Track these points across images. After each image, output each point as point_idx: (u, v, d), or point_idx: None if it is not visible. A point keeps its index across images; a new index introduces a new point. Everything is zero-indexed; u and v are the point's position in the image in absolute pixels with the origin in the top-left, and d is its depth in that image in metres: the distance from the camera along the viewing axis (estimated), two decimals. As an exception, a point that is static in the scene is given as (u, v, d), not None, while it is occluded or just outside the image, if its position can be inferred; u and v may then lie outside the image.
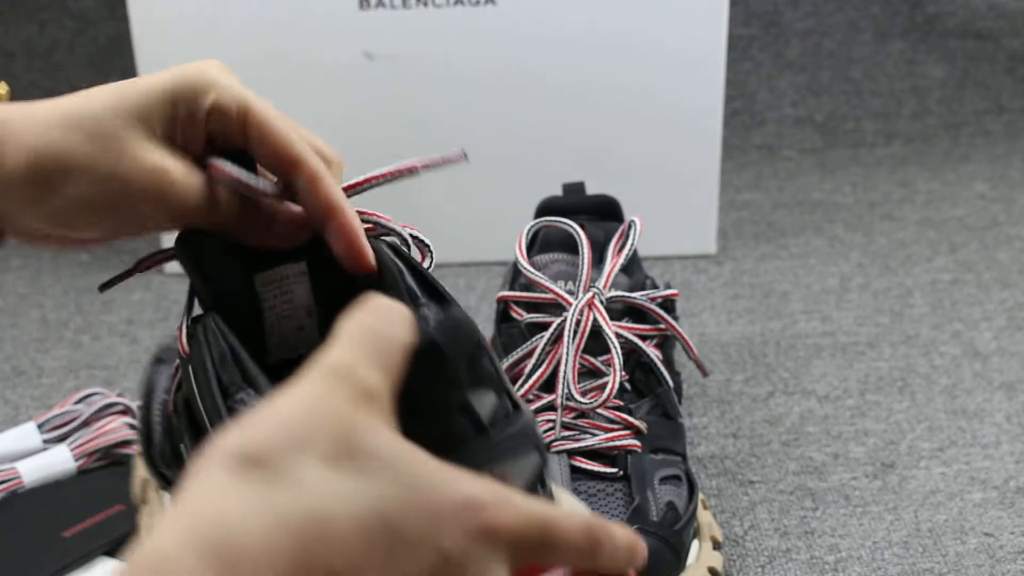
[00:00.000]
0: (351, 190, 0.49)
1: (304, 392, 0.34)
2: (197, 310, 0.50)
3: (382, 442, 0.34)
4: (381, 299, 0.37)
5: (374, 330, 0.36)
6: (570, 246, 0.71)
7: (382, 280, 0.47)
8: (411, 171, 0.50)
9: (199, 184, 0.47)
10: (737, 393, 0.84)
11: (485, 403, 0.41)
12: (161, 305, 0.97)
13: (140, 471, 0.62)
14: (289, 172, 0.47)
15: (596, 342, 0.68)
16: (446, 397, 0.39)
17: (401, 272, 0.47)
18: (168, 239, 0.57)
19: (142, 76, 0.47)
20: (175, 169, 0.46)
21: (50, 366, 0.89)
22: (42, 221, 0.46)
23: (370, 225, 0.50)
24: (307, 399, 0.34)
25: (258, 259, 0.49)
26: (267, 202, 0.48)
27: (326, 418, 0.33)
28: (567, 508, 0.46)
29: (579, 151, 0.98)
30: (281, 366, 0.50)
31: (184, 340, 0.48)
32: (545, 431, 0.67)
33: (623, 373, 0.69)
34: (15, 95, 0.48)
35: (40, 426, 0.76)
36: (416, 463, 0.34)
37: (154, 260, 0.52)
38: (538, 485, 0.44)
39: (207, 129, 0.47)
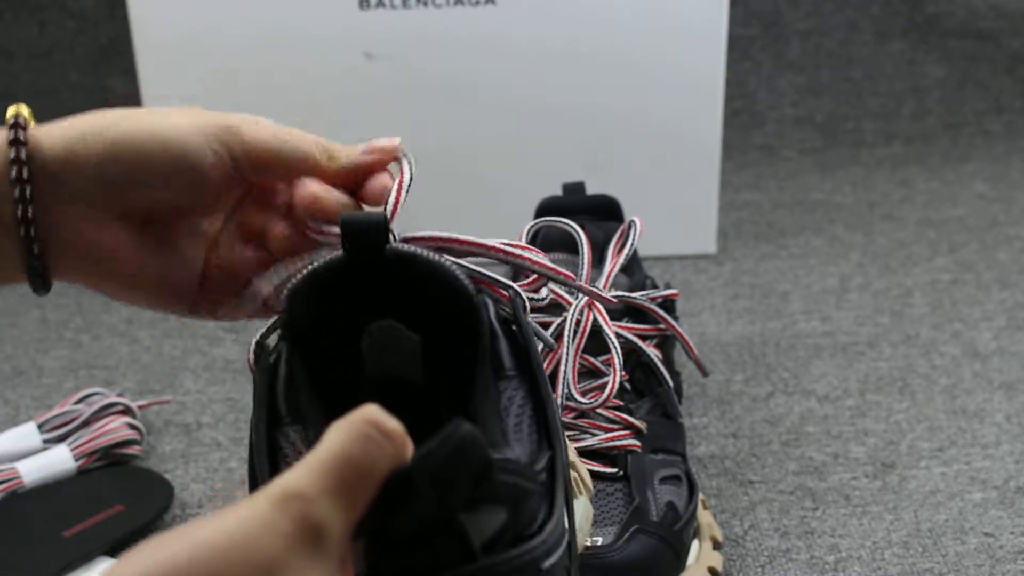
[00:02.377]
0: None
1: (241, 518, 0.32)
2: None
3: None
4: (376, 416, 0.35)
5: (350, 459, 0.34)
6: (570, 246, 0.71)
7: (475, 333, 0.45)
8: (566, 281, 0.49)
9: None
10: (737, 393, 0.84)
11: (486, 523, 0.38)
12: (161, 305, 0.97)
13: None
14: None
15: (596, 342, 0.68)
16: (427, 521, 0.36)
17: (496, 338, 0.45)
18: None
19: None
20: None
21: (50, 366, 0.89)
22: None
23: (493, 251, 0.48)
24: (240, 527, 0.32)
25: None
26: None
27: (250, 554, 0.32)
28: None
29: (579, 151, 0.98)
30: (386, 383, 0.48)
31: (252, 354, 0.47)
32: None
33: (623, 373, 0.69)
34: (15, 96, 0.48)
35: (40, 426, 0.76)
36: None
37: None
38: None
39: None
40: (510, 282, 0.48)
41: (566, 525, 0.42)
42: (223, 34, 0.94)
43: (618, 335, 0.69)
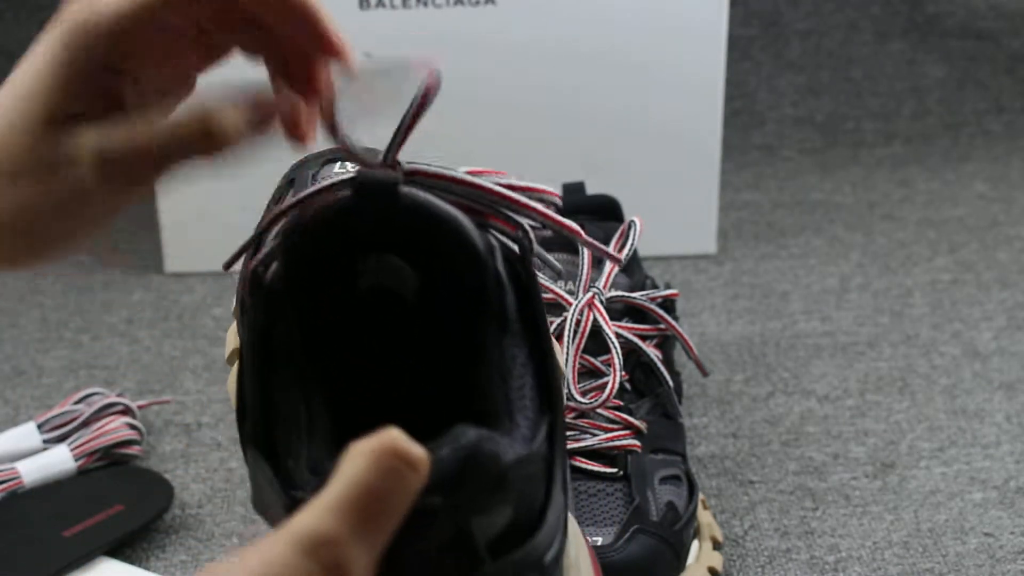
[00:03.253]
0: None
1: (266, 564, 0.31)
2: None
3: None
4: (400, 447, 0.32)
5: (376, 497, 0.32)
6: (570, 246, 0.71)
7: (480, 277, 0.42)
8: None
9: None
10: (737, 393, 0.84)
11: (494, 524, 0.37)
12: (161, 305, 0.97)
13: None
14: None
15: (596, 342, 0.68)
16: (446, 537, 0.35)
17: (502, 290, 0.42)
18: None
19: None
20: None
21: (50, 366, 0.89)
22: None
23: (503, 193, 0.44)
24: (263, 572, 0.31)
25: None
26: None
27: None
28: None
29: (579, 151, 0.98)
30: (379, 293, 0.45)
31: (248, 284, 0.43)
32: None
33: (623, 373, 0.69)
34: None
35: (40, 426, 0.76)
36: None
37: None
38: None
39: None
40: (519, 218, 0.45)
41: (562, 498, 0.41)
42: (223, 34, 0.94)
43: (618, 335, 0.69)
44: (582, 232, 0.47)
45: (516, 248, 0.44)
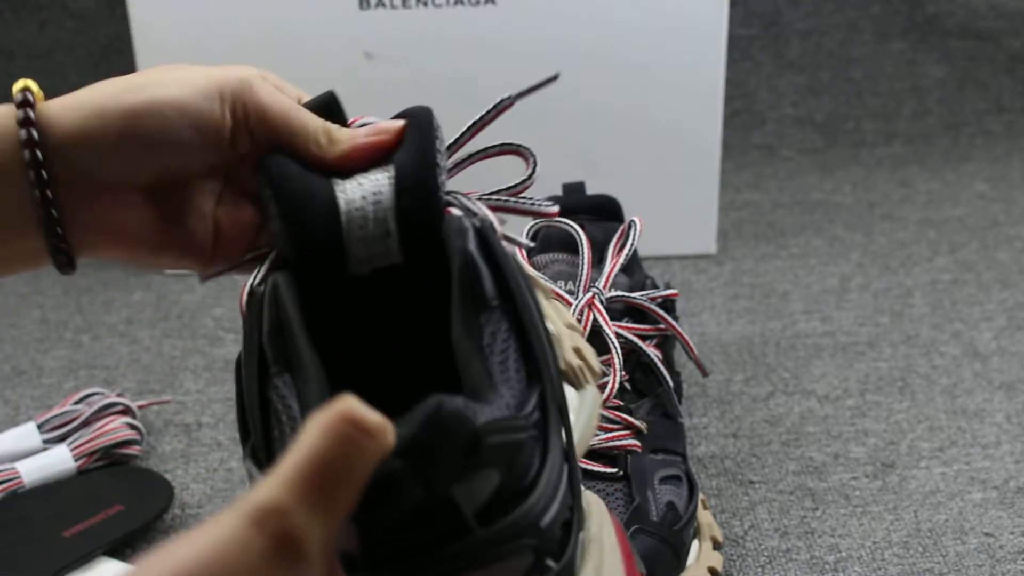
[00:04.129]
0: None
1: (214, 539, 0.30)
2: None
3: None
4: (353, 413, 0.31)
5: (328, 464, 0.31)
6: (570, 246, 0.71)
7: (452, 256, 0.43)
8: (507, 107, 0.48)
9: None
10: (737, 393, 0.84)
11: (479, 490, 0.36)
12: (161, 305, 0.97)
13: None
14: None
15: (596, 342, 0.68)
16: (418, 504, 0.35)
17: (474, 268, 0.43)
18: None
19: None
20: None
21: (50, 366, 0.89)
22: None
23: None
24: (215, 549, 0.30)
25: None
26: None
27: None
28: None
29: (579, 151, 0.98)
30: (371, 278, 0.46)
31: (244, 299, 0.45)
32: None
33: (623, 373, 0.69)
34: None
35: (40, 426, 0.76)
36: None
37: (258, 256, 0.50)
38: None
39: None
40: (474, 206, 0.47)
41: (564, 467, 0.41)
42: (223, 34, 0.94)
43: (618, 335, 0.69)
44: (557, 212, 0.50)
45: (479, 226, 0.45)
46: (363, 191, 0.45)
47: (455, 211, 0.45)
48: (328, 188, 0.45)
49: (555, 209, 0.50)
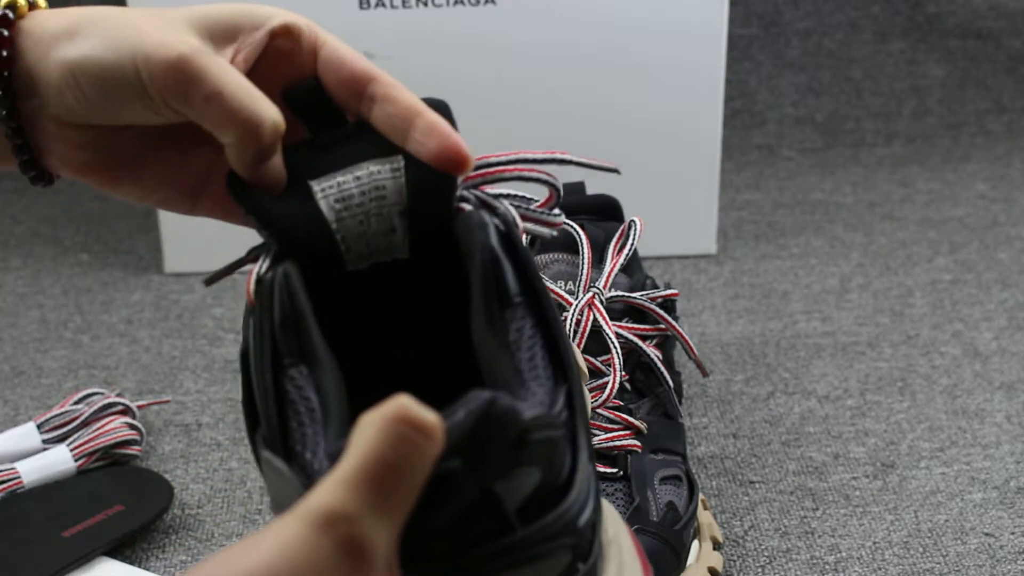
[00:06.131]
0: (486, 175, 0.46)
1: (282, 545, 0.30)
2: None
3: None
4: (410, 413, 0.31)
5: (389, 467, 0.31)
6: (570, 246, 0.71)
7: (471, 256, 0.42)
8: (561, 162, 0.47)
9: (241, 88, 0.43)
10: (737, 393, 0.84)
11: (521, 487, 0.35)
12: (161, 305, 0.97)
13: None
14: (363, 87, 0.45)
15: (596, 342, 0.68)
16: (470, 502, 0.34)
17: (498, 264, 0.41)
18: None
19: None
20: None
21: (50, 366, 0.89)
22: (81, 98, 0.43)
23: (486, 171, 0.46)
24: (284, 557, 0.29)
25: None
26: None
27: None
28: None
29: (579, 151, 0.98)
30: (370, 273, 0.44)
31: (252, 288, 0.43)
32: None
33: (623, 373, 0.69)
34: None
35: (40, 426, 0.76)
36: None
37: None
38: None
39: (273, 46, 0.45)
40: (494, 201, 0.46)
41: (590, 467, 0.40)
42: (223, 34, 0.94)
43: (618, 335, 0.69)
44: (554, 179, 0.49)
45: (502, 224, 0.44)
46: (360, 186, 0.44)
47: (467, 207, 0.44)
48: (310, 207, 0.43)
49: (561, 219, 0.49)
